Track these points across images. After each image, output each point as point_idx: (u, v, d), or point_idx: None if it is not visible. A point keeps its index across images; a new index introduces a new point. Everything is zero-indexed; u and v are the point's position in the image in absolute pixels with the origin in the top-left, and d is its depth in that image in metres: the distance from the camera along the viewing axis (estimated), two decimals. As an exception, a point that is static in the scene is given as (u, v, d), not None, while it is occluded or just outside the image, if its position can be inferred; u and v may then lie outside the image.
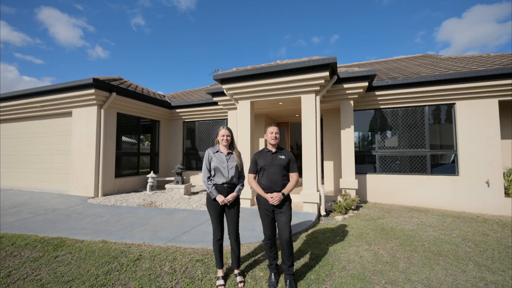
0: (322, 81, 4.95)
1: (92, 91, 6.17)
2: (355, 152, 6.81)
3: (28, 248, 3.41)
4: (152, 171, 7.43)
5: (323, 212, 5.06)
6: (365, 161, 6.75)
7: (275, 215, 2.58)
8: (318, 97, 5.18)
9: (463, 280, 2.75)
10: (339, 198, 5.62)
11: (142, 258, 3.12)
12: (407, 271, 2.91)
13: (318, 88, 5.08)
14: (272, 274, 2.61)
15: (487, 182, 5.58)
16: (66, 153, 7.15)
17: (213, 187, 2.59)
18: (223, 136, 2.68)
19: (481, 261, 3.20)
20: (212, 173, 2.65)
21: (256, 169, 2.69)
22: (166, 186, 7.18)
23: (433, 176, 6.05)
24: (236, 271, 2.67)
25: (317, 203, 4.99)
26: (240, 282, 2.56)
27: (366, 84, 5.51)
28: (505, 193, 5.87)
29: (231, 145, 2.76)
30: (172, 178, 7.61)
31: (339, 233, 4.10)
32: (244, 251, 3.31)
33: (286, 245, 2.49)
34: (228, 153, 2.71)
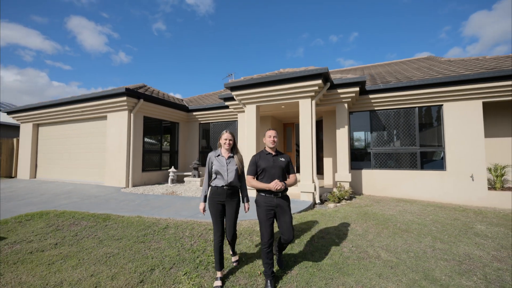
0: (316, 87, 5.76)
1: (124, 98, 7.36)
2: (352, 150, 7.52)
3: (84, 220, 4.53)
4: (172, 167, 8.53)
5: (317, 201, 5.86)
6: (361, 158, 7.43)
7: (277, 215, 2.61)
8: (313, 102, 5.99)
9: (416, 247, 3.49)
10: (334, 190, 6.37)
11: (169, 227, 4.11)
12: (373, 240, 3.69)
13: (313, 93, 5.89)
14: (268, 281, 2.49)
15: (472, 177, 6.11)
16: (102, 151, 8.42)
17: (204, 192, 2.76)
18: (226, 140, 2.73)
19: (439, 236, 3.89)
20: (213, 176, 2.72)
21: (255, 171, 2.70)
22: (185, 179, 8.26)
23: (423, 171, 6.64)
24: (231, 253, 2.97)
25: (313, 193, 5.79)
26: (235, 261, 2.86)
27: (357, 89, 6.23)
28: (493, 187, 6.35)
29: (233, 149, 2.80)
30: (190, 173, 8.68)
31: (327, 215, 4.89)
32: (245, 225, 4.20)
33: (286, 246, 2.74)
34: (229, 157, 2.74)
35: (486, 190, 5.98)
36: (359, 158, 7.47)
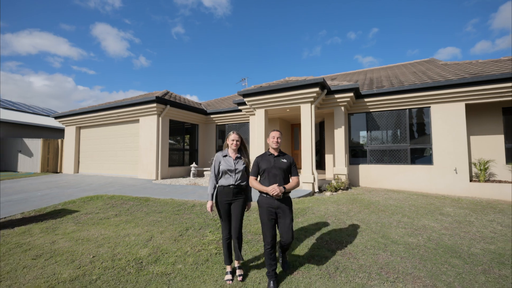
0: (315, 94, 6.80)
1: (154, 105, 8.77)
2: (351, 147, 8.46)
3: (130, 200, 5.88)
4: (194, 163, 9.87)
5: (316, 190, 6.90)
6: (359, 154, 8.36)
7: (278, 217, 2.62)
8: (313, 106, 7.04)
9: (385, 220, 4.48)
10: (332, 181, 7.37)
11: (195, 205, 5.36)
12: (352, 216, 4.71)
13: (312, 99, 6.94)
14: (271, 282, 2.51)
15: (455, 170, 6.89)
16: (135, 149, 9.92)
17: (211, 191, 2.79)
18: (233, 140, 2.76)
19: (408, 214, 4.84)
20: (220, 175, 2.76)
21: (257, 172, 2.73)
22: (204, 173, 9.57)
23: (413, 166, 7.48)
24: (236, 264, 2.73)
25: (312, 183, 6.84)
26: (239, 275, 2.65)
27: (351, 94, 7.19)
28: (478, 179, 7.07)
29: (240, 150, 2.85)
30: (209, 168, 9.98)
31: (322, 200, 5.94)
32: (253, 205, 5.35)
33: (287, 247, 2.69)
34: (236, 158, 2.79)
35: (468, 182, 6.74)
36: (357, 154, 8.40)
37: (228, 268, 2.68)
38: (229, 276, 2.61)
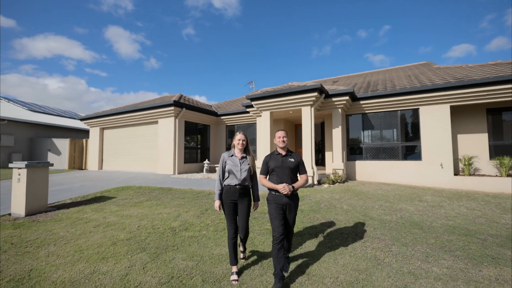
0: (314, 98, 7.72)
1: (172, 108, 9.86)
2: (349, 145, 9.32)
3: (156, 190, 6.96)
4: (206, 159, 10.93)
5: (315, 182, 7.82)
6: (356, 152, 9.21)
7: (286, 212, 2.72)
8: (313, 108, 7.95)
9: (369, 204, 5.37)
10: (331, 175, 8.26)
11: (211, 193, 6.37)
12: (343, 202, 5.62)
13: (312, 102, 7.85)
14: (277, 279, 2.51)
15: (441, 165, 7.66)
16: (154, 148, 11.05)
17: (218, 190, 2.84)
18: (239, 140, 2.87)
19: (391, 200, 5.70)
20: (226, 175, 2.82)
21: (267, 170, 2.83)
22: (216, 169, 10.60)
23: (404, 161, 8.28)
24: (241, 249, 3.02)
25: (312, 176, 7.76)
26: (243, 258, 2.97)
27: (347, 97, 8.07)
28: (463, 173, 7.82)
29: (246, 150, 2.93)
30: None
31: (319, 190, 6.86)
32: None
33: (289, 233, 2.86)
34: (242, 157, 2.86)
35: (452, 176, 7.51)
36: (354, 151, 9.25)
37: (234, 269, 2.66)
38: (235, 277, 2.59)
